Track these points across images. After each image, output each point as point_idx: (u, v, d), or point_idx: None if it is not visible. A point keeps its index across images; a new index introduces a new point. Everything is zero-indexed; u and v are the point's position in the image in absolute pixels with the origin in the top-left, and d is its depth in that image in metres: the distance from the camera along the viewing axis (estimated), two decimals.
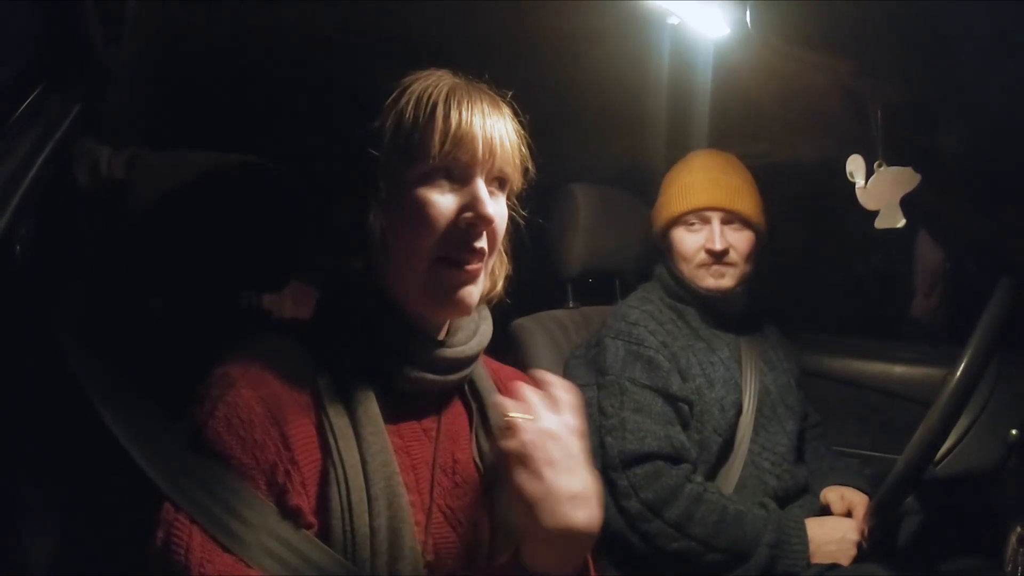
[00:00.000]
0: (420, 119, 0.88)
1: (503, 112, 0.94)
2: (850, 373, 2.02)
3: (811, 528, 1.46)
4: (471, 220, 0.90)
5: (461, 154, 0.88)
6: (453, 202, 0.90)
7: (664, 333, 1.60)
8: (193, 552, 0.80)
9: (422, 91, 0.90)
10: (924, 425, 1.30)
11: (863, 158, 1.33)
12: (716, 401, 1.56)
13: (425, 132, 0.87)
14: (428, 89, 0.90)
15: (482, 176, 0.91)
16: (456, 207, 0.90)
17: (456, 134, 0.88)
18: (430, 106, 0.88)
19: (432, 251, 0.90)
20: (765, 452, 1.59)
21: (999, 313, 1.34)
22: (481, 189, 0.90)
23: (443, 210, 0.89)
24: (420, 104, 0.89)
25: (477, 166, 0.90)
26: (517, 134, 0.95)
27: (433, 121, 0.88)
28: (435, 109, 0.88)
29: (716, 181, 1.66)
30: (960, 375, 1.30)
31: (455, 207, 0.90)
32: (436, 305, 0.93)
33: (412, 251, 0.90)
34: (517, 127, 0.96)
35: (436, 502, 0.95)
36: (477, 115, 0.90)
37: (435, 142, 0.87)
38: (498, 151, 0.91)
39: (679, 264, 1.69)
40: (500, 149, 0.91)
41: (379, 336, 0.92)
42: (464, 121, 0.88)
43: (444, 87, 0.91)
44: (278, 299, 1.36)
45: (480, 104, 0.91)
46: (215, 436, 0.84)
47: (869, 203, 1.33)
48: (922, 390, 1.80)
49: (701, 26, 1.19)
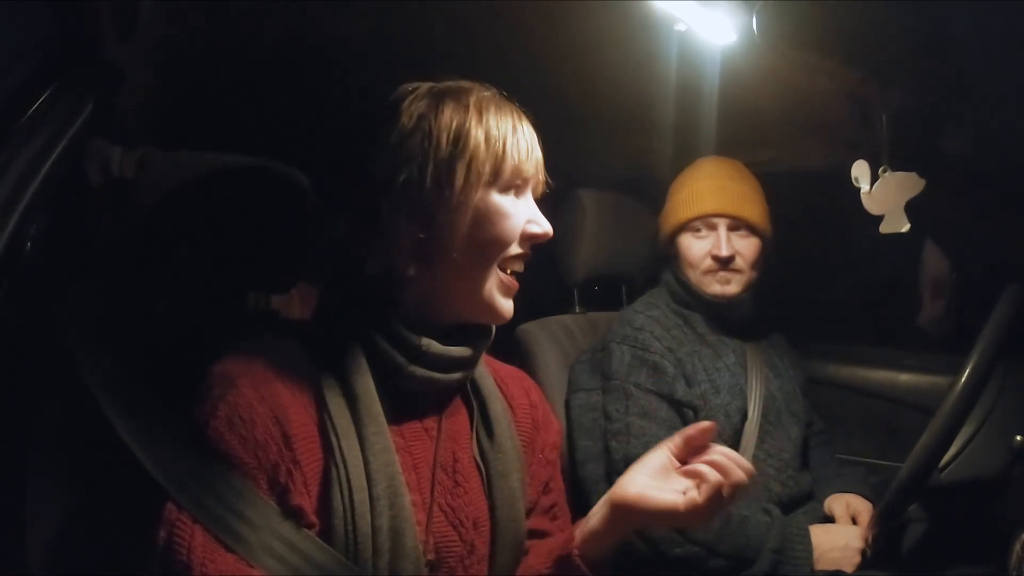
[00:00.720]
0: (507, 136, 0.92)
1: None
2: (856, 381, 2.02)
3: (815, 535, 1.45)
4: (536, 233, 0.96)
5: (531, 171, 0.95)
6: (522, 214, 0.95)
7: (670, 339, 1.60)
8: (195, 552, 0.81)
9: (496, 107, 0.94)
10: (928, 432, 1.30)
11: (868, 163, 1.34)
12: (721, 407, 1.56)
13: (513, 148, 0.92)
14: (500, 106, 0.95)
15: (532, 191, 0.97)
16: (525, 219, 0.95)
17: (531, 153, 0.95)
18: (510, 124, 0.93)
19: (498, 260, 0.94)
20: (770, 459, 1.59)
21: (1004, 320, 1.34)
22: (534, 204, 0.97)
23: (518, 221, 0.94)
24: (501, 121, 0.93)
25: (532, 180, 0.96)
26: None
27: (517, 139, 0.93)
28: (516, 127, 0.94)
29: (723, 188, 1.66)
30: (964, 382, 1.30)
31: (524, 219, 0.95)
32: (487, 312, 0.96)
33: (482, 258, 0.93)
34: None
35: (437, 501, 0.95)
36: (530, 133, 0.96)
37: (521, 159, 0.93)
38: (543, 169, 0.98)
39: (686, 270, 1.69)
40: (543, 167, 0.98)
41: (384, 335, 0.93)
42: (533, 141, 0.96)
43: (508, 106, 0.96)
44: (286, 300, 1.36)
45: (526, 122, 0.97)
46: (217, 436, 0.84)
47: (874, 208, 1.34)
48: (928, 398, 1.80)
49: (708, 32, 1.20)
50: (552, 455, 1.14)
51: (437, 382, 0.96)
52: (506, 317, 0.98)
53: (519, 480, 1.03)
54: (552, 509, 1.13)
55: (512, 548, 1.01)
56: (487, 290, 0.94)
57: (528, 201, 0.97)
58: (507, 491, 1.00)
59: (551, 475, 1.13)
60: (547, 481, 1.12)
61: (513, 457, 1.03)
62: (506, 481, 1.01)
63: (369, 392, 0.90)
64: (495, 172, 0.92)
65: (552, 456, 1.14)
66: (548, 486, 1.12)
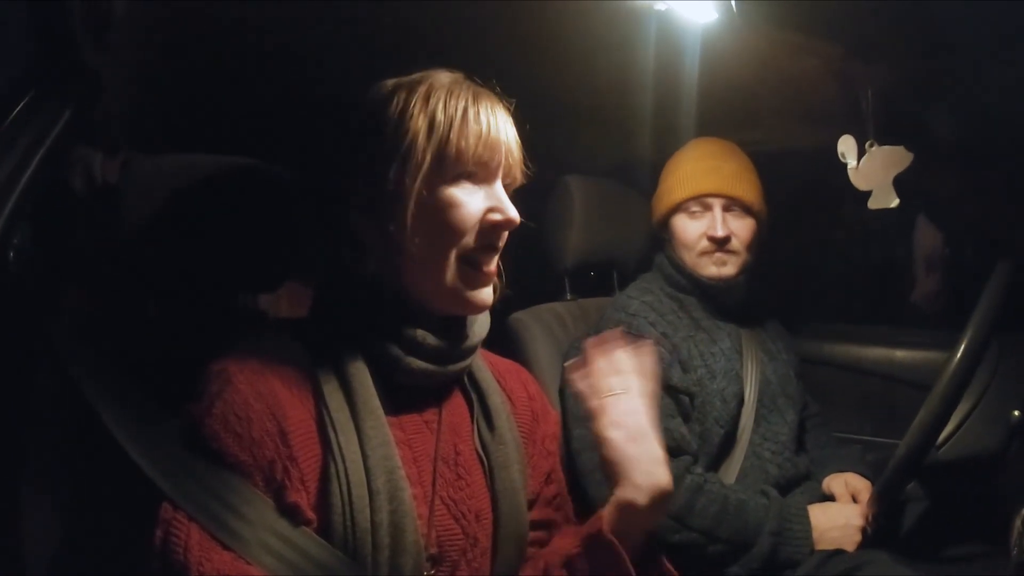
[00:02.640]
0: (455, 121, 0.89)
1: (510, 115, 0.96)
2: (851, 359, 2.02)
3: (814, 515, 1.45)
4: (497, 222, 0.92)
5: (490, 157, 0.91)
6: (479, 203, 0.92)
7: (665, 324, 1.59)
8: (192, 550, 0.80)
9: (449, 92, 0.91)
10: (925, 409, 1.30)
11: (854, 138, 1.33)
12: (718, 392, 1.56)
13: (460, 134, 0.89)
14: (454, 91, 0.92)
15: (500, 178, 0.94)
16: (483, 208, 0.92)
17: (487, 138, 0.90)
18: (462, 109, 0.90)
19: (456, 251, 0.92)
20: (767, 442, 1.59)
21: (997, 295, 1.33)
22: (502, 190, 0.93)
23: (472, 211, 0.91)
24: (451, 105, 0.90)
25: (499, 169, 0.93)
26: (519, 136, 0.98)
27: (466, 124, 0.89)
28: (467, 112, 0.90)
29: (717, 168, 1.65)
30: (959, 358, 1.30)
31: (482, 208, 0.92)
32: (456, 304, 0.94)
33: (437, 251, 0.91)
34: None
35: (439, 494, 0.95)
36: (499, 119, 0.93)
37: (469, 144, 0.89)
38: (512, 154, 0.94)
39: (680, 253, 1.68)
40: (513, 152, 0.94)
41: (381, 329, 0.92)
42: (492, 125, 0.91)
43: (470, 91, 0.92)
44: (274, 299, 1.36)
45: (499, 108, 0.94)
46: (213, 434, 0.84)
47: (861, 183, 1.33)
48: (924, 374, 1.79)
49: (689, 11, 1.19)
50: (552, 446, 1.14)
51: (435, 375, 0.96)
52: (479, 308, 0.96)
53: (520, 472, 1.02)
54: (556, 499, 1.12)
55: (515, 540, 1.01)
56: (452, 283, 0.92)
57: (492, 189, 0.93)
58: (509, 483, 1.00)
59: (552, 466, 1.13)
60: (549, 472, 1.12)
61: (514, 449, 1.03)
62: (507, 473, 1.00)
63: (366, 386, 0.90)
64: (439, 160, 0.89)
65: (552, 447, 1.14)
66: (550, 477, 1.12)
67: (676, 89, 1.48)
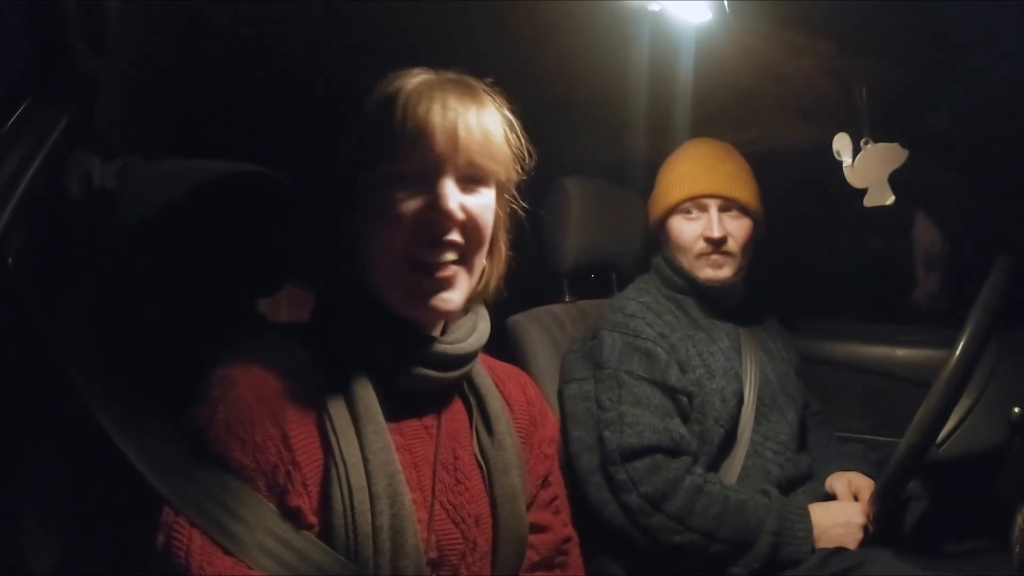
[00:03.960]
0: (385, 120, 0.88)
1: (477, 103, 0.91)
2: (852, 357, 2.01)
3: (816, 513, 1.45)
4: (434, 218, 0.88)
5: (423, 151, 0.87)
6: (418, 201, 0.88)
7: (662, 324, 1.59)
8: (193, 555, 0.81)
9: (389, 92, 0.90)
10: (925, 407, 1.29)
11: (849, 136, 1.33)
12: (717, 391, 1.56)
13: (390, 132, 0.87)
14: (395, 90, 0.90)
15: (451, 172, 0.89)
16: (420, 205, 0.88)
17: (416, 131, 0.86)
18: (393, 106, 0.88)
19: (402, 253, 0.89)
20: (767, 441, 1.59)
21: (997, 292, 1.33)
22: (446, 185, 0.89)
23: (406, 209, 0.88)
24: (386, 105, 0.88)
25: (443, 162, 0.88)
26: (500, 124, 0.94)
27: (394, 120, 0.87)
28: (395, 109, 0.87)
29: (713, 168, 1.65)
30: (959, 355, 1.29)
31: (419, 206, 0.88)
32: (413, 309, 0.93)
33: (384, 254, 0.90)
34: (500, 117, 0.94)
35: (438, 499, 0.95)
36: (437, 109, 0.88)
37: (398, 141, 0.87)
38: (464, 143, 0.88)
39: (677, 254, 1.68)
40: (468, 141, 0.89)
41: (379, 335, 0.93)
42: (423, 117, 0.87)
43: (410, 86, 0.90)
44: (273, 303, 1.36)
45: (444, 97, 0.89)
46: (215, 438, 0.85)
47: (857, 181, 1.33)
48: (924, 372, 1.79)
49: (682, 11, 1.19)
50: (549, 449, 1.14)
51: (435, 381, 0.96)
52: (438, 312, 0.92)
53: (519, 476, 1.03)
54: (553, 502, 1.13)
55: (514, 544, 1.01)
56: (403, 284, 0.91)
57: (441, 184, 0.88)
58: (508, 487, 1.01)
59: (549, 469, 1.13)
60: (545, 475, 1.12)
61: (512, 454, 1.03)
62: (507, 477, 1.01)
63: (367, 391, 0.90)
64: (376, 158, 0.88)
65: (549, 450, 1.14)
66: (547, 480, 1.13)
67: (671, 89, 1.48)
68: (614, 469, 1.44)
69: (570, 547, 1.14)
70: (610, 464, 1.45)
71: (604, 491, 1.46)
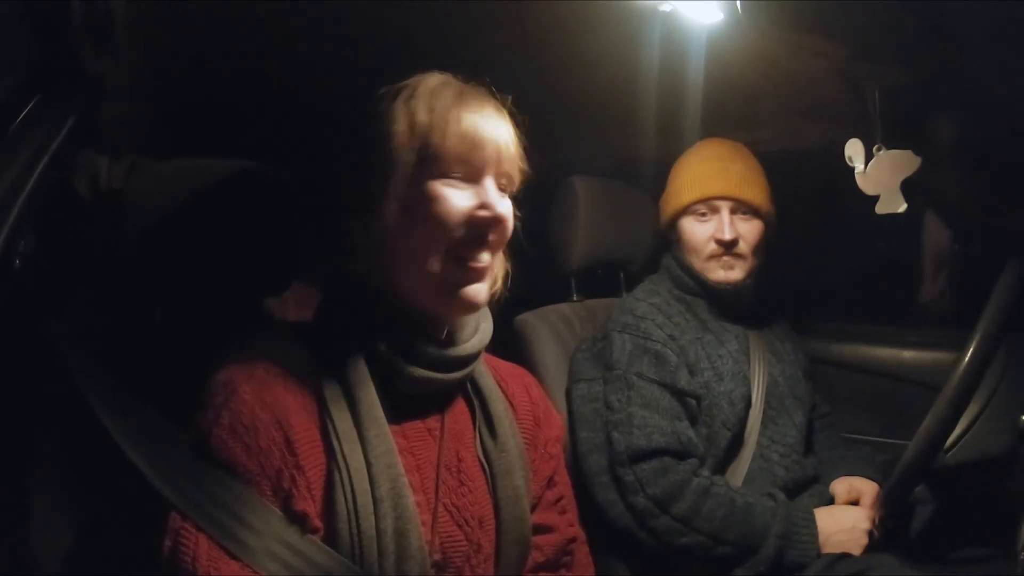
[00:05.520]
0: (436, 121, 0.90)
1: (506, 118, 0.97)
2: (860, 359, 2.01)
3: (821, 518, 1.45)
4: (485, 218, 0.92)
5: (474, 155, 0.92)
6: (467, 199, 0.92)
7: (672, 326, 1.58)
8: (200, 560, 0.82)
9: (432, 93, 0.93)
10: (933, 412, 1.29)
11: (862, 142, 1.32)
12: (725, 395, 1.55)
13: (441, 134, 0.90)
14: (439, 92, 0.93)
15: (491, 176, 0.94)
16: (470, 205, 0.92)
17: (470, 136, 0.91)
18: (444, 109, 0.91)
19: (445, 248, 0.92)
20: (774, 444, 1.58)
21: (1007, 296, 1.32)
22: (492, 188, 0.93)
23: (458, 206, 0.91)
24: (434, 106, 0.91)
25: (488, 166, 0.93)
26: (517, 139, 0.98)
27: (447, 123, 0.90)
28: (449, 111, 0.91)
29: (725, 170, 1.64)
30: (968, 360, 1.28)
31: (469, 204, 0.92)
32: (447, 303, 0.94)
33: (426, 248, 0.91)
34: (516, 132, 0.98)
35: (442, 501, 0.96)
36: (487, 118, 0.93)
37: (450, 143, 0.90)
38: (504, 153, 0.94)
39: (688, 255, 1.68)
40: (507, 151, 0.95)
41: (382, 336, 0.93)
42: (477, 123, 0.92)
43: (454, 91, 0.93)
44: (280, 302, 1.36)
45: (487, 107, 0.94)
46: (220, 444, 0.85)
47: (868, 188, 1.32)
48: (933, 375, 1.78)
49: (694, 12, 1.18)
50: (554, 449, 1.15)
51: (437, 382, 0.96)
52: (470, 305, 0.95)
53: (523, 478, 1.03)
54: (559, 502, 1.13)
55: (518, 545, 1.01)
56: (440, 279, 0.92)
57: (480, 187, 0.93)
58: (511, 489, 1.01)
59: (554, 469, 1.14)
60: (551, 476, 1.13)
61: (516, 455, 1.03)
62: (510, 479, 1.01)
63: (370, 394, 0.91)
64: (421, 159, 0.91)
65: (554, 450, 1.14)
66: (552, 480, 1.13)
67: (682, 89, 1.47)
68: (622, 470, 1.45)
69: (576, 547, 1.14)
70: (618, 465, 1.45)
71: (611, 492, 1.46)
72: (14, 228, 0.94)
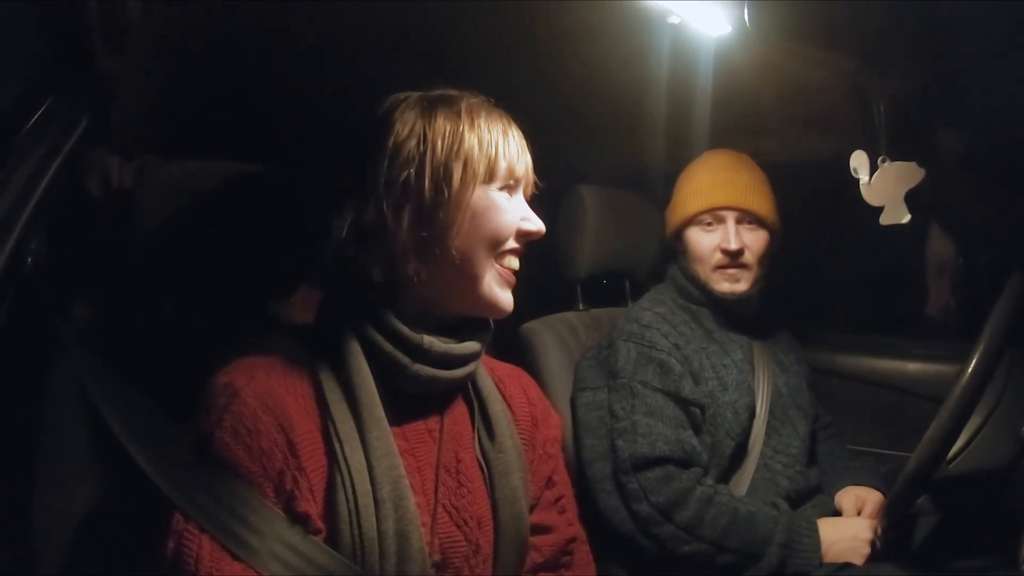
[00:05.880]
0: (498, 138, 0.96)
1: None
2: (863, 370, 2.00)
3: (824, 527, 1.45)
4: (530, 231, 0.99)
5: (522, 172, 0.99)
6: (516, 211, 0.98)
7: (677, 335, 1.59)
8: (203, 561, 0.82)
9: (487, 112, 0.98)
10: (935, 423, 1.28)
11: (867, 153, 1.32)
12: (729, 404, 1.56)
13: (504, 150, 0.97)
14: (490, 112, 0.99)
15: (525, 191, 1.01)
16: (518, 216, 0.98)
17: (520, 154, 0.99)
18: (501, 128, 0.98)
19: (495, 254, 0.97)
20: (778, 455, 1.58)
21: (1010, 308, 1.32)
22: (526, 205, 1.01)
23: (513, 217, 0.98)
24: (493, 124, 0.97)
25: (523, 181, 1.00)
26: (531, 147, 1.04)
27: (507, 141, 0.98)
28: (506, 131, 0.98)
29: (731, 180, 1.65)
30: (971, 372, 1.28)
31: (517, 216, 0.98)
32: (486, 306, 0.98)
33: (479, 253, 0.95)
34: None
35: (441, 502, 0.96)
36: (519, 137, 1.01)
37: (511, 160, 0.96)
38: (530, 169, 1.02)
39: (694, 265, 1.68)
40: (530, 168, 1.02)
41: (386, 335, 0.93)
42: (521, 144, 1.00)
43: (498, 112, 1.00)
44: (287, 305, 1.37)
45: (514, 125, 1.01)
46: (223, 446, 0.86)
47: (873, 199, 1.32)
48: (936, 387, 1.78)
49: (702, 24, 1.19)
50: (553, 449, 1.15)
51: (441, 380, 0.97)
52: (507, 310, 1.00)
53: (521, 479, 1.04)
54: (559, 502, 1.14)
55: (516, 545, 1.02)
56: (487, 284, 0.97)
57: (520, 200, 1.01)
58: (509, 490, 1.02)
59: (553, 469, 1.14)
60: (549, 476, 1.13)
61: (514, 456, 1.04)
62: (508, 480, 1.02)
63: (371, 396, 0.91)
64: (489, 172, 0.95)
65: (553, 451, 1.15)
66: (551, 480, 1.13)
67: (689, 100, 1.48)
68: (626, 478, 1.45)
69: (576, 546, 1.14)
70: (622, 473, 1.45)
71: (615, 499, 1.47)
72: (27, 227, 0.94)
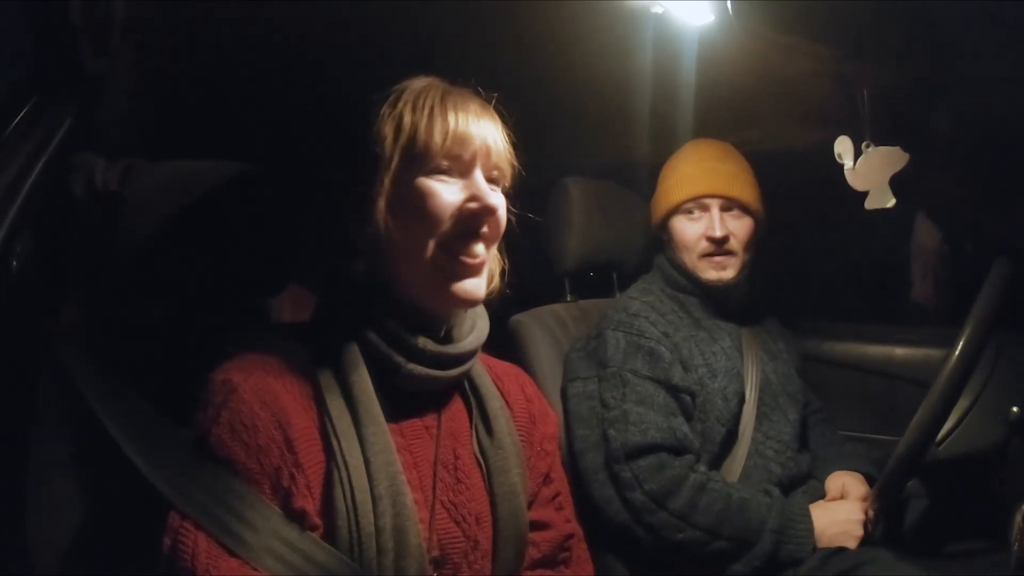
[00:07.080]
0: (420, 120, 0.93)
1: (492, 115, 0.99)
2: (851, 357, 2.01)
3: (816, 513, 1.45)
4: (476, 210, 0.94)
5: (461, 150, 0.94)
6: (457, 193, 0.94)
7: (665, 324, 1.60)
8: (199, 558, 0.82)
9: (418, 95, 0.95)
10: (923, 407, 1.30)
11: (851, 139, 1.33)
12: (719, 391, 1.57)
13: (427, 132, 0.92)
14: (423, 93, 0.95)
15: (480, 170, 0.95)
16: (460, 198, 0.94)
17: (455, 132, 0.93)
18: (428, 108, 0.93)
19: (438, 242, 0.93)
20: (769, 441, 1.59)
21: (995, 293, 1.34)
22: (482, 181, 0.95)
23: (448, 200, 0.93)
24: (418, 107, 0.94)
25: (476, 160, 0.95)
26: (505, 135, 1.00)
27: (433, 121, 0.92)
28: (433, 110, 0.93)
29: (714, 169, 1.66)
30: (958, 355, 1.30)
31: (460, 198, 0.94)
32: (444, 298, 0.95)
33: (419, 244, 0.93)
34: (504, 128, 1.00)
35: (439, 498, 0.96)
36: (471, 115, 0.95)
37: (436, 140, 0.92)
38: (492, 148, 0.96)
39: (680, 254, 1.69)
40: (494, 145, 0.97)
41: (381, 334, 0.94)
42: (461, 120, 0.94)
43: (438, 91, 0.96)
44: (277, 303, 1.37)
45: (472, 106, 0.96)
46: (219, 443, 0.86)
47: (858, 184, 1.34)
48: (923, 371, 1.79)
49: (685, 14, 1.20)
50: (550, 446, 1.15)
51: (436, 379, 0.97)
52: (467, 300, 0.96)
53: (519, 475, 1.04)
54: (556, 499, 1.14)
55: (514, 541, 1.02)
56: (435, 274, 0.94)
57: (469, 181, 0.95)
58: (507, 486, 1.02)
59: (550, 466, 1.14)
60: (547, 472, 1.13)
61: (512, 453, 1.04)
62: (506, 476, 1.02)
63: (368, 393, 0.91)
64: (407, 157, 0.93)
65: (550, 448, 1.15)
66: (549, 477, 1.13)
67: (673, 91, 1.48)
68: (618, 467, 1.45)
69: (574, 543, 1.14)
70: (614, 462, 1.46)
71: (608, 489, 1.47)
72: (11, 228, 0.94)
